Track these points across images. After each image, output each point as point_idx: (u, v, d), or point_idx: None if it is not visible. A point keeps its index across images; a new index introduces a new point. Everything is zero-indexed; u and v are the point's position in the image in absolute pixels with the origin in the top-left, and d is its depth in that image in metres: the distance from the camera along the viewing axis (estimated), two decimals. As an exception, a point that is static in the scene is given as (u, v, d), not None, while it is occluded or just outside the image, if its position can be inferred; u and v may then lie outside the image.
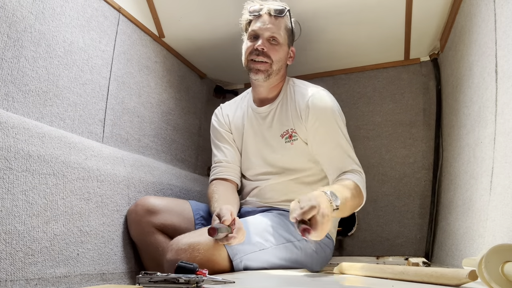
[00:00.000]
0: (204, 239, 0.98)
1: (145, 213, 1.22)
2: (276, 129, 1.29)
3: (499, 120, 0.91)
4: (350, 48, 1.83)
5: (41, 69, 1.16)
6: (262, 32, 1.24)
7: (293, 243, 1.14)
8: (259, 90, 1.33)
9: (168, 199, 1.33)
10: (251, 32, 1.27)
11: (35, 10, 1.14)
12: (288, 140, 1.27)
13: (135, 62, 1.59)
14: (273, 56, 1.24)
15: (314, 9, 1.56)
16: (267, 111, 1.32)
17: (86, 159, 1.17)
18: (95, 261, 1.15)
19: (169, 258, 0.97)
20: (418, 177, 1.80)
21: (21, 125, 0.99)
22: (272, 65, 1.25)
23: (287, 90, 1.32)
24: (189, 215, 1.29)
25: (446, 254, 1.35)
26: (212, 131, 1.45)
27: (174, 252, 0.97)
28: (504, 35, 0.91)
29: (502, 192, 0.84)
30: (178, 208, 1.28)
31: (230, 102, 1.49)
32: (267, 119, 1.32)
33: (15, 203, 0.93)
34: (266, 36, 1.24)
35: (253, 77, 1.26)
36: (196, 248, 0.96)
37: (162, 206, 1.24)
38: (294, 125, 1.26)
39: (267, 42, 1.24)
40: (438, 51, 1.77)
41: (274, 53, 1.24)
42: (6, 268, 0.89)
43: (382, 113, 1.92)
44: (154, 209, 1.23)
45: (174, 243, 1.00)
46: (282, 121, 1.29)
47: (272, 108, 1.32)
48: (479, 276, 0.57)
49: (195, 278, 0.62)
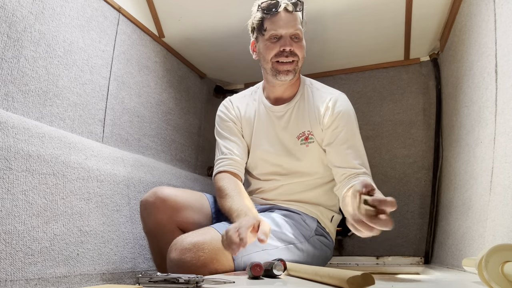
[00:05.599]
0: (208, 238, 0.97)
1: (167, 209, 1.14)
2: (292, 130, 1.25)
3: (499, 120, 0.91)
4: (350, 48, 1.83)
5: (41, 69, 1.16)
6: (285, 31, 1.18)
7: (295, 245, 1.14)
8: (277, 89, 1.27)
9: (185, 191, 1.24)
10: (272, 33, 1.20)
11: (35, 10, 1.14)
12: (304, 142, 1.24)
13: (135, 62, 1.59)
14: (299, 54, 1.20)
15: (314, 9, 1.56)
16: (284, 111, 1.27)
17: (86, 159, 1.17)
18: (95, 261, 1.15)
19: (173, 258, 0.95)
20: (418, 177, 1.80)
21: (21, 125, 0.99)
22: (298, 63, 1.21)
23: (304, 90, 1.28)
24: (207, 211, 1.23)
25: (446, 254, 1.35)
26: (220, 123, 1.36)
27: (178, 251, 0.95)
28: (504, 35, 0.91)
29: (502, 192, 0.84)
30: (197, 203, 1.22)
31: (238, 95, 1.41)
32: (282, 119, 1.27)
33: (15, 203, 0.93)
34: (289, 34, 1.19)
35: (281, 78, 1.21)
36: (201, 247, 0.94)
37: (183, 201, 1.17)
38: (311, 127, 1.23)
39: (291, 41, 1.19)
40: (438, 51, 1.77)
41: (300, 50, 1.20)
42: (6, 268, 0.89)
43: (382, 113, 1.92)
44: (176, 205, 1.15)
45: (178, 242, 0.97)
46: (298, 122, 1.25)
47: (289, 108, 1.27)
48: (479, 276, 0.56)
49: (195, 278, 0.62)
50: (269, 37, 1.20)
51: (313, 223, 1.22)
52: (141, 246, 1.35)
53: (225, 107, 1.37)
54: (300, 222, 1.19)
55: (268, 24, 1.20)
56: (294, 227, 1.16)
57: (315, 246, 1.20)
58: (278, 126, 1.28)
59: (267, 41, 1.21)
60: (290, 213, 1.21)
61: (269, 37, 1.20)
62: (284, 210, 1.23)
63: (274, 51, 1.19)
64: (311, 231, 1.20)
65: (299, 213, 1.21)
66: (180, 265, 0.92)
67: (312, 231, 1.20)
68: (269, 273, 0.82)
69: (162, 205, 1.13)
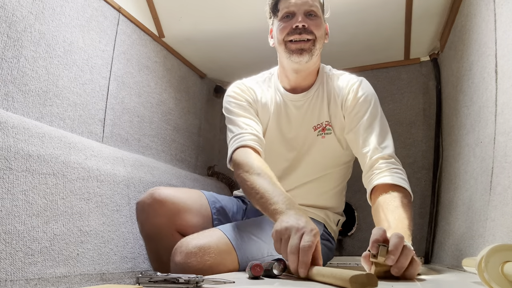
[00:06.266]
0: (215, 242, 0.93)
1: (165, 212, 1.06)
2: (310, 121, 1.17)
3: (499, 120, 0.91)
4: (350, 48, 1.83)
5: (41, 69, 1.16)
6: (298, 8, 1.08)
7: None
8: (294, 76, 1.16)
9: (183, 191, 1.15)
10: (285, 11, 1.10)
11: (35, 10, 1.14)
12: (320, 133, 1.16)
13: (135, 62, 1.59)
14: (316, 32, 1.09)
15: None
16: (302, 100, 1.18)
17: (86, 159, 1.17)
18: (95, 261, 1.15)
19: (178, 261, 0.91)
20: (418, 177, 1.80)
21: (21, 125, 0.99)
22: (315, 43, 1.10)
23: (324, 78, 1.19)
24: (206, 212, 1.16)
25: (446, 254, 1.35)
26: (232, 103, 1.19)
27: (184, 255, 0.90)
28: (504, 35, 0.91)
29: (502, 192, 0.84)
30: (196, 204, 1.14)
31: (249, 79, 1.27)
32: (301, 109, 1.18)
33: (15, 203, 0.93)
34: (303, 10, 1.08)
35: (295, 59, 1.09)
36: (207, 251, 0.90)
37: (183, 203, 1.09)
38: (330, 117, 1.16)
39: (305, 18, 1.08)
40: (438, 51, 1.77)
41: (317, 27, 1.09)
42: (6, 268, 0.89)
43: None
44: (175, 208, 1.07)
45: (183, 245, 0.93)
46: (316, 113, 1.17)
47: (308, 97, 1.18)
48: (479, 276, 0.56)
49: (195, 278, 0.62)
50: (281, 17, 1.12)
51: (320, 228, 1.19)
52: (141, 246, 1.35)
53: (237, 88, 1.23)
54: None
55: (281, 4, 1.12)
56: None
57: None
58: (294, 117, 1.20)
59: (280, 21, 1.12)
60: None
61: (281, 16, 1.12)
62: None
63: (287, 30, 1.09)
64: None
65: None
66: (186, 270, 0.88)
67: None
68: (269, 273, 0.82)
69: (160, 208, 1.06)
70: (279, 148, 1.21)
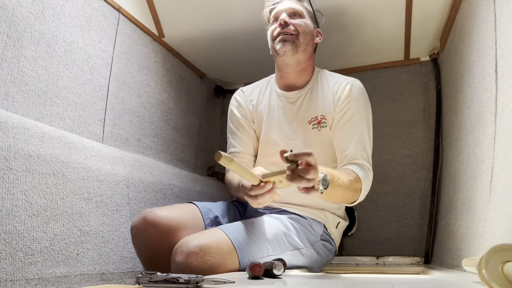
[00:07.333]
0: (215, 241, 0.93)
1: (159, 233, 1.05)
2: (304, 115, 1.24)
3: (499, 120, 0.91)
4: (350, 48, 1.83)
5: (41, 69, 1.16)
6: (282, 10, 1.23)
7: (300, 250, 1.13)
8: (287, 73, 1.26)
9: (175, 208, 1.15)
10: (273, 17, 1.26)
11: (35, 10, 1.14)
12: (316, 127, 1.21)
13: (135, 62, 1.59)
14: (298, 28, 1.21)
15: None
16: (296, 97, 1.26)
17: (86, 159, 1.17)
18: (95, 261, 1.15)
19: (179, 261, 0.91)
20: (418, 177, 1.80)
21: (21, 125, 0.99)
22: (298, 36, 1.20)
23: (318, 78, 1.28)
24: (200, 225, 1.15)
25: (446, 254, 1.35)
26: (231, 118, 1.36)
27: (184, 255, 0.90)
28: (504, 35, 0.91)
29: (502, 192, 0.84)
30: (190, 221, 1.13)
31: (252, 86, 1.40)
32: (295, 105, 1.26)
33: (15, 203, 0.93)
34: (287, 11, 1.23)
35: (280, 49, 1.19)
36: (207, 251, 0.90)
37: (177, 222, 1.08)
38: (325, 111, 1.21)
39: (290, 17, 1.22)
40: (438, 51, 1.77)
41: (299, 24, 1.21)
42: (6, 268, 0.89)
43: (382, 113, 1.92)
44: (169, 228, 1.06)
45: (183, 245, 0.93)
46: (311, 108, 1.23)
47: (302, 94, 1.26)
48: (479, 276, 0.56)
49: (195, 278, 0.62)
50: (272, 22, 1.27)
51: (320, 228, 1.21)
52: (141, 246, 1.35)
53: (236, 101, 1.37)
54: (306, 227, 1.18)
55: (272, 12, 1.28)
56: (300, 231, 1.15)
57: (319, 251, 1.19)
58: (288, 112, 1.26)
59: (270, 25, 1.28)
60: (297, 217, 1.19)
61: (272, 22, 1.27)
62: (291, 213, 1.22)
63: (273, 30, 1.24)
64: (316, 236, 1.19)
65: (306, 218, 1.20)
66: (187, 270, 0.88)
67: (318, 236, 1.20)
68: (269, 273, 0.82)
69: (154, 231, 1.05)
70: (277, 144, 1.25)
